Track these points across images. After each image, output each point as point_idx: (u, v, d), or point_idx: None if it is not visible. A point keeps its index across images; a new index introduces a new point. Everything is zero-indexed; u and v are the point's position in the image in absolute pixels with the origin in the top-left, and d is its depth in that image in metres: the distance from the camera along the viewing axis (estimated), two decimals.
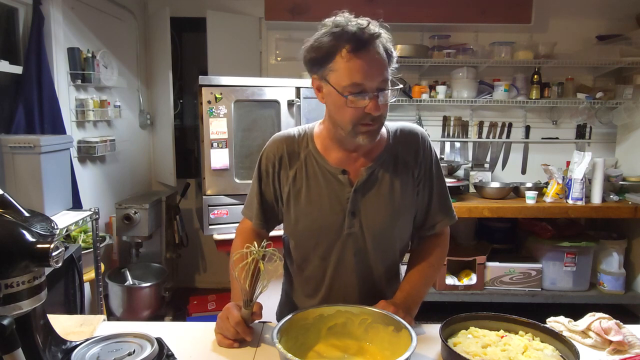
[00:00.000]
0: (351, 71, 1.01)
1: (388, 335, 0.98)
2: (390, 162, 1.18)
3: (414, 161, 1.20)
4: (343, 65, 1.02)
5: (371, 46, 1.02)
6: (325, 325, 1.03)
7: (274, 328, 0.94)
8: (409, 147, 1.20)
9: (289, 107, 2.71)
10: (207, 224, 2.67)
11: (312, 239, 1.20)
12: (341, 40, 1.01)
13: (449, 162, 3.48)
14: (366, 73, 1.01)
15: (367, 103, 1.03)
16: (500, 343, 1.00)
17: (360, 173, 1.17)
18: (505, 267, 3.20)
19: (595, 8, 3.51)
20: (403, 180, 1.18)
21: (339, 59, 1.02)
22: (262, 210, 1.25)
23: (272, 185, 1.23)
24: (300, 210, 1.19)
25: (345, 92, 1.03)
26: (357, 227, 1.17)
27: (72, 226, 2.11)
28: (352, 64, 1.01)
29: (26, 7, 2.44)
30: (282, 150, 1.21)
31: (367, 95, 1.03)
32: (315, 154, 1.19)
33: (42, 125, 2.37)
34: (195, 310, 3.10)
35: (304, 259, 1.24)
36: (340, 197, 1.16)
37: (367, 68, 1.01)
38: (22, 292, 0.76)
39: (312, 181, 1.18)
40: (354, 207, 1.16)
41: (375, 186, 1.17)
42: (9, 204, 0.78)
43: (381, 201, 1.17)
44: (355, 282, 1.21)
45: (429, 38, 3.54)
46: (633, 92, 3.37)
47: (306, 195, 1.18)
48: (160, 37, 3.41)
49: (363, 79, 1.01)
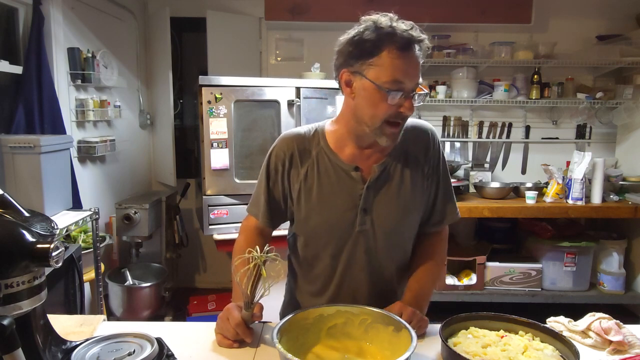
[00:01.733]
0: (395, 68, 1.04)
1: (388, 335, 0.98)
2: (401, 158, 1.20)
3: (423, 157, 1.21)
4: (388, 62, 1.04)
5: (415, 48, 1.06)
6: (326, 325, 1.03)
7: (274, 328, 0.94)
8: (419, 144, 1.22)
9: (289, 107, 2.71)
10: (207, 224, 2.67)
11: (323, 236, 1.20)
12: (390, 38, 1.03)
13: (449, 162, 3.48)
14: (407, 72, 1.05)
15: (403, 101, 1.06)
16: (500, 343, 1.00)
17: (372, 170, 1.17)
18: (505, 267, 3.20)
19: (595, 8, 3.51)
20: (413, 177, 1.20)
21: (384, 55, 1.04)
22: (269, 208, 1.25)
23: (280, 183, 1.22)
24: (312, 207, 1.19)
25: (385, 87, 1.04)
26: (369, 224, 1.17)
27: (72, 226, 2.11)
28: (397, 61, 1.04)
29: (26, 7, 2.44)
30: (292, 148, 1.20)
31: (404, 94, 1.06)
32: (328, 151, 1.19)
33: (42, 125, 2.37)
34: (195, 310, 3.10)
35: (314, 256, 1.24)
36: (352, 194, 1.17)
37: (409, 68, 1.05)
38: (22, 292, 0.76)
39: (324, 178, 1.18)
40: (366, 204, 1.17)
41: (387, 183, 1.18)
42: (9, 204, 0.78)
43: (392, 198, 1.18)
44: (366, 281, 1.22)
45: (429, 38, 3.52)
46: (633, 92, 3.36)
47: (318, 192, 1.18)
48: (160, 37, 3.41)
49: (404, 77, 1.04)
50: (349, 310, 1.03)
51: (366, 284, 1.22)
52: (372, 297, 1.21)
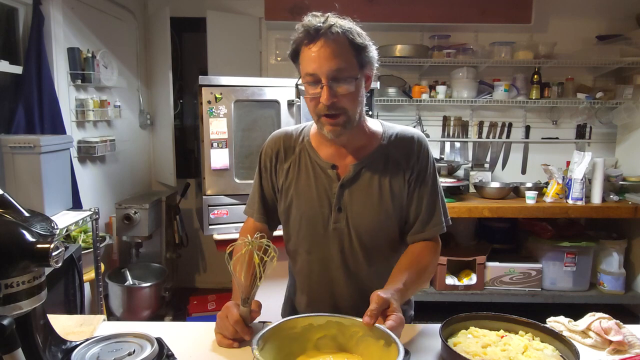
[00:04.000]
0: (305, 61, 1.08)
1: (378, 349, 0.93)
2: (380, 162, 1.19)
3: (406, 163, 1.19)
4: (303, 58, 1.09)
5: (323, 37, 1.06)
6: (314, 335, 0.98)
7: (256, 335, 0.90)
8: (402, 149, 1.20)
9: (289, 107, 2.71)
10: (207, 224, 2.67)
11: (300, 231, 1.23)
12: (301, 37, 1.08)
13: (449, 162, 3.48)
14: (316, 62, 1.06)
15: (319, 91, 1.07)
16: (500, 343, 1.00)
17: (347, 169, 1.19)
18: (505, 267, 3.20)
19: (595, 8, 3.51)
20: (393, 181, 1.18)
21: (301, 54, 1.10)
22: (262, 204, 1.29)
23: (270, 179, 1.27)
24: (291, 200, 1.23)
25: (304, 82, 1.10)
26: (344, 223, 1.18)
27: (72, 226, 2.11)
28: (306, 54, 1.08)
29: (26, 7, 2.44)
30: (279, 145, 1.26)
31: (320, 84, 1.07)
32: (309, 149, 1.23)
33: (42, 125, 2.37)
34: (195, 310, 3.10)
35: (294, 251, 1.27)
36: (327, 191, 1.19)
37: (316, 57, 1.06)
38: (22, 292, 0.76)
39: (303, 174, 1.22)
40: (340, 202, 1.18)
41: (363, 184, 1.18)
42: (9, 204, 0.78)
43: (368, 199, 1.18)
44: (343, 280, 1.22)
45: (429, 38, 3.53)
46: (633, 92, 3.37)
47: (296, 187, 1.22)
48: (160, 37, 3.41)
49: (314, 68, 1.06)
50: (340, 322, 0.98)
51: (344, 283, 1.22)
52: (350, 296, 1.22)
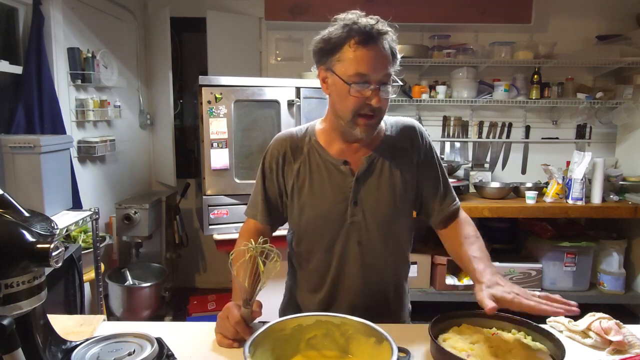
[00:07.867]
0: (357, 61, 1.08)
1: (369, 347, 0.94)
2: (388, 151, 1.23)
3: (410, 147, 1.25)
4: (350, 56, 1.08)
5: (378, 41, 1.08)
6: (305, 336, 0.98)
7: (247, 341, 0.89)
8: (404, 136, 1.26)
9: (289, 107, 2.71)
10: (207, 224, 2.67)
11: (316, 230, 1.23)
12: (351, 33, 1.08)
13: (449, 162, 3.48)
14: (371, 65, 1.08)
15: (369, 93, 1.10)
16: (490, 340, 1.00)
17: (360, 162, 1.21)
18: (505, 267, 3.19)
19: (595, 8, 3.51)
20: (403, 167, 1.23)
21: (346, 50, 1.09)
22: (266, 206, 1.29)
23: (276, 181, 1.27)
24: (304, 201, 1.23)
25: (350, 81, 1.09)
26: (360, 215, 1.20)
27: (72, 226, 2.11)
28: (358, 54, 1.08)
29: (26, 7, 2.44)
30: (285, 147, 1.26)
31: (370, 86, 1.09)
32: (318, 147, 1.24)
33: (42, 125, 2.37)
34: (195, 310, 3.10)
35: (309, 251, 1.26)
36: (342, 187, 1.21)
37: (372, 60, 1.08)
38: (22, 292, 0.76)
39: (315, 173, 1.22)
40: (356, 196, 1.20)
41: (375, 174, 1.21)
42: (9, 204, 0.78)
43: (382, 189, 1.21)
44: (360, 273, 1.23)
45: (429, 38, 3.53)
46: (633, 92, 3.36)
47: (310, 187, 1.22)
48: (160, 37, 3.41)
49: (367, 69, 1.08)
50: (330, 321, 0.99)
51: (360, 276, 1.23)
52: (367, 290, 1.23)
